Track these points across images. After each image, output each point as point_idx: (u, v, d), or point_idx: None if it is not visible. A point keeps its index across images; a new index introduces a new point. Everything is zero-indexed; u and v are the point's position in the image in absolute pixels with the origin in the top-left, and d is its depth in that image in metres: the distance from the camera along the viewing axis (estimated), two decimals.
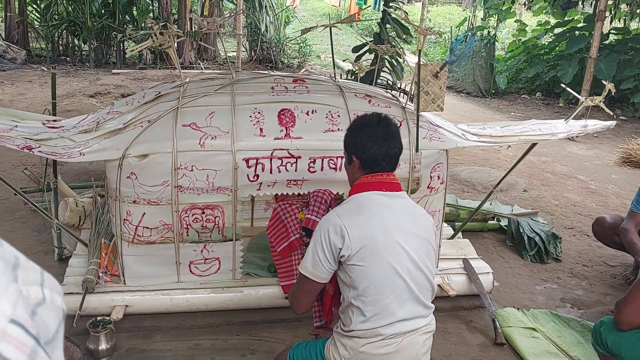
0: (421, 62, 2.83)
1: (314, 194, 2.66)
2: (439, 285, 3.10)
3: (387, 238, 1.94)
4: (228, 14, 12.09)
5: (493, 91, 10.62)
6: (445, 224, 3.63)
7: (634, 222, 3.36)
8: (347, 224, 1.92)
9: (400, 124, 2.93)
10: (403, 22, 4.87)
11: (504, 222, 4.24)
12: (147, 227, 2.71)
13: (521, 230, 4.00)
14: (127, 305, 2.78)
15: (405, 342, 1.99)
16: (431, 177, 2.98)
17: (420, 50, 2.88)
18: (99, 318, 2.63)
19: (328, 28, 3.37)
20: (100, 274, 2.86)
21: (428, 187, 2.99)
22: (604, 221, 3.61)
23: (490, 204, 4.41)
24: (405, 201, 2.09)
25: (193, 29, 10.51)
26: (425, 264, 2.03)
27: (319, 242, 1.96)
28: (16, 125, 2.82)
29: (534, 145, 3.44)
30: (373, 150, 2.03)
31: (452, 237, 3.63)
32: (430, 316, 2.10)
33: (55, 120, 3.11)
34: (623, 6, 10.46)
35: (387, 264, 1.93)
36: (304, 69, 11.23)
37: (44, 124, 3.00)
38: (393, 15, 5.65)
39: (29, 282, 0.56)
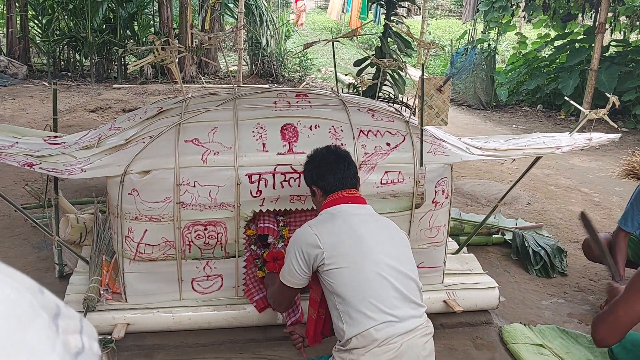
0: (424, 76, 2.82)
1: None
2: (444, 302, 3.06)
3: (359, 240, 2.07)
4: (229, 29, 12.15)
5: (494, 104, 10.62)
6: (449, 239, 3.60)
7: (622, 237, 3.32)
8: (318, 233, 2.08)
9: (404, 138, 2.91)
10: (405, 35, 4.87)
11: (508, 236, 4.20)
12: (148, 244, 2.68)
13: (526, 244, 3.97)
14: (128, 324, 2.74)
15: (405, 347, 1.98)
16: (436, 192, 2.95)
17: (423, 64, 2.87)
18: (100, 336, 2.59)
19: (329, 42, 3.36)
20: (102, 292, 2.82)
21: (433, 202, 2.96)
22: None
23: (494, 218, 4.38)
24: (371, 211, 2.25)
25: (194, 44, 10.55)
26: (404, 263, 2.10)
27: (292, 253, 2.13)
28: (17, 142, 2.80)
29: (538, 158, 3.41)
30: (329, 176, 2.25)
31: (457, 251, 3.59)
32: (424, 316, 2.11)
33: (56, 137, 3.09)
34: (623, 18, 10.50)
35: (364, 263, 2.03)
36: (305, 83, 11.25)
37: (45, 140, 2.98)
38: (394, 29, 5.65)
39: (69, 331, 0.56)
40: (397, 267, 2.07)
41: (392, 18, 5.83)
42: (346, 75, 8.00)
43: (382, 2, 6.00)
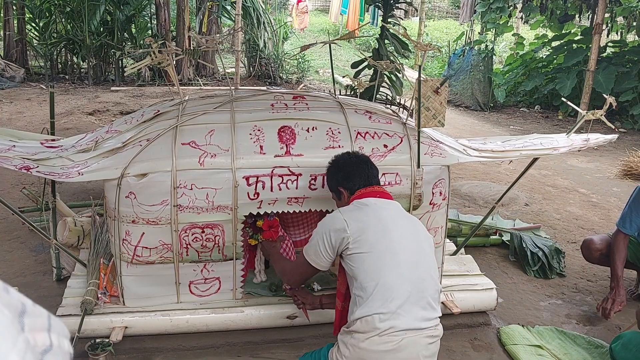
0: (421, 78, 2.82)
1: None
2: (442, 303, 3.06)
3: (384, 230, 2.12)
4: (227, 31, 12.16)
5: (492, 105, 10.63)
6: (447, 240, 3.60)
7: (621, 239, 3.30)
8: (347, 218, 2.17)
9: (402, 140, 2.91)
10: (402, 37, 4.87)
11: (506, 237, 4.20)
12: (146, 247, 2.68)
13: (524, 245, 3.97)
14: (126, 327, 2.74)
15: (406, 342, 2.00)
16: (433, 193, 2.95)
17: (420, 66, 2.87)
18: (98, 340, 2.59)
19: (327, 44, 3.37)
20: (99, 295, 2.82)
21: (430, 203, 2.96)
22: (591, 244, 3.50)
23: (492, 219, 4.38)
24: (398, 205, 2.31)
25: (192, 46, 10.55)
26: (424, 263, 2.14)
27: (321, 235, 2.21)
28: (14, 145, 2.80)
29: (535, 159, 3.42)
30: (355, 176, 2.35)
31: (455, 253, 3.59)
32: (436, 320, 2.13)
33: (53, 140, 3.08)
34: (620, 19, 10.52)
35: (385, 252, 2.08)
36: (302, 85, 11.26)
37: (42, 143, 2.98)
38: (392, 31, 5.66)
39: (36, 329, 0.55)
40: (415, 265, 2.11)
41: (389, 20, 5.84)
42: (344, 77, 8.00)
43: (379, 4, 6.01)
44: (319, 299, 2.56)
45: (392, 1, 5.79)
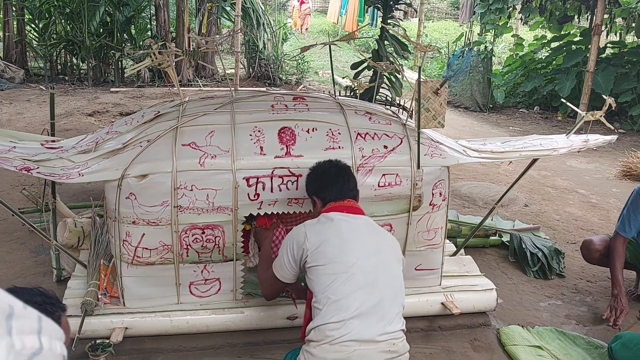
0: (421, 79, 2.82)
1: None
2: (442, 304, 3.06)
3: (342, 243, 2.16)
4: (226, 32, 12.16)
5: (491, 105, 10.64)
6: (447, 241, 3.60)
7: (621, 243, 3.31)
8: (308, 231, 2.22)
9: (402, 141, 2.91)
10: (401, 38, 4.87)
11: (506, 238, 4.21)
12: (146, 248, 2.68)
13: (523, 246, 3.97)
14: (126, 328, 2.74)
15: (358, 354, 2.01)
16: (433, 194, 2.96)
17: (420, 67, 2.87)
18: (98, 341, 2.59)
19: (326, 45, 3.37)
20: (100, 296, 2.82)
21: (430, 204, 2.96)
22: (590, 245, 3.50)
23: (492, 220, 4.39)
24: (367, 220, 2.33)
25: (191, 47, 10.55)
26: (385, 276, 2.15)
27: (285, 247, 2.27)
28: (14, 146, 2.80)
29: (535, 160, 3.42)
30: (329, 187, 2.37)
31: (455, 253, 3.59)
32: (396, 334, 2.10)
33: (54, 141, 3.08)
34: (619, 20, 10.53)
35: (340, 264, 2.11)
36: (302, 86, 11.26)
37: (42, 144, 2.98)
38: (391, 32, 5.66)
39: (25, 332, 0.54)
40: (374, 278, 2.12)
41: (388, 21, 5.85)
42: (343, 78, 8.00)
43: (378, 5, 6.02)
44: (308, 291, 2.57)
45: (391, 2, 5.80)
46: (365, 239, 2.21)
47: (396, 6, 5.96)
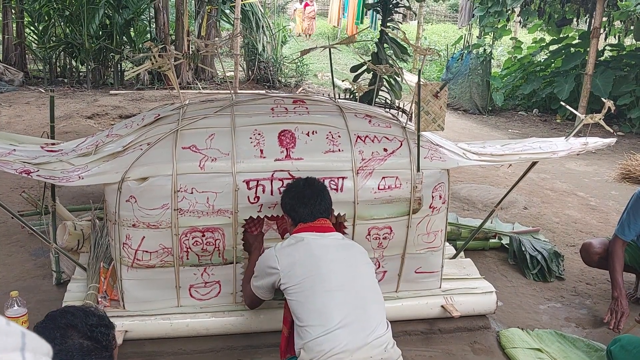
0: (421, 82, 2.83)
1: None
2: (442, 307, 3.06)
3: (314, 261, 2.22)
4: (226, 35, 12.18)
5: (490, 108, 10.66)
6: (447, 243, 3.60)
7: (620, 246, 3.31)
8: (278, 254, 2.28)
9: (401, 144, 2.92)
10: (401, 41, 4.88)
11: (505, 241, 4.21)
12: (146, 251, 2.68)
13: (523, 249, 3.97)
14: (126, 331, 2.74)
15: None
16: (433, 197, 2.96)
17: (419, 70, 2.88)
18: None
19: (326, 48, 3.38)
20: (100, 299, 2.82)
21: (430, 207, 2.96)
22: (590, 247, 3.50)
23: (491, 222, 4.39)
24: (337, 238, 2.39)
25: (191, 50, 10.56)
26: (360, 286, 2.21)
27: (258, 269, 2.40)
28: (14, 149, 2.80)
29: (534, 163, 3.43)
30: (300, 209, 2.42)
31: (454, 256, 3.59)
32: (385, 337, 2.13)
33: (53, 144, 3.09)
34: (617, 23, 10.56)
35: (314, 281, 2.17)
36: (301, 88, 11.27)
37: (42, 147, 2.98)
38: (390, 35, 5.67)
39: (7, 349, 0.54)
40: (351, 288, 2.18)
41: (387, 24, 5.86)
42: (343, 80, 8.01)
43: (377, 8, 6.03)
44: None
45: (390, 5, 5.81)
46: (336, 254, 2.28)
47: (395, 9, 5.97)
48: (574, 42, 10.55)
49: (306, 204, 2.42)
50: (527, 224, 4.71)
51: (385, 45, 5.70)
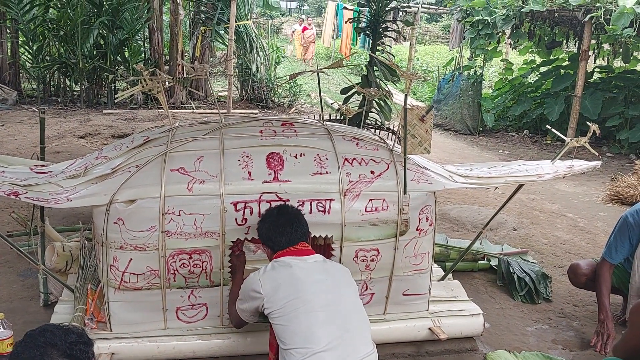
0: (407, 106, 2.87)
1: None
2: (429, 329, 3.07)
3: (296, 284, 2.26)
4: (220, 56, 12.25)
5: (481, 129, 10.75)
6: (435, 265, 3.62)
7: (607, 268, 3.35)
8: (261, 279, 2.32)
9: (388, 166, 2.95)
10: (389, 64, 4.95)
11: (494, 262, 4.23)
12: (133, 273, 2.69)
13: (511, 270, 3.99)
14: (113, 353, 2.73)
15: None
16: (419, 219, 2.98)
17: (406, 95, 2.92)
18: None
19: (315, 72, 3.42)
20: (87, 321, 2.81)
21: (417, 229, 2.99)
22: (577, 269, 3.54)
23: (480, 244, 4.41)
24: (317, 257, 2.44)
25: (184, 72, 10.61)
26: (342, 306, 2.25)
27: (242, 294, 2.44)
28: (3, 171, 2.82)
29: (521, 186, 3.46)
30: (276, 237, 2.46)
31: (442, 278, 3.61)
32: (372, 356, 2.18)
33: (43, 165, 3.10)
34: (606, 45, 10.71)
35: (297, 303, 2.20)
36: (294, 108, 11.34)
37: (31, 169, 2.99)
38: (380, 58, 5.74)
39: None
40: (335, 308, 2.22)
41: (377, 47, 5.93)
42: (332, 103, 8.07)
43: (367, 32, 6.11)
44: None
45: (380, 30, 5.89)
46: (318, 276, 2.32)
47: (385, 33, 6.05)
48: (563, 64, 10.69)
49: (282, 233, 2.46)
50: (516, 245, 4.74)
51: (375, 67, 5.77)
